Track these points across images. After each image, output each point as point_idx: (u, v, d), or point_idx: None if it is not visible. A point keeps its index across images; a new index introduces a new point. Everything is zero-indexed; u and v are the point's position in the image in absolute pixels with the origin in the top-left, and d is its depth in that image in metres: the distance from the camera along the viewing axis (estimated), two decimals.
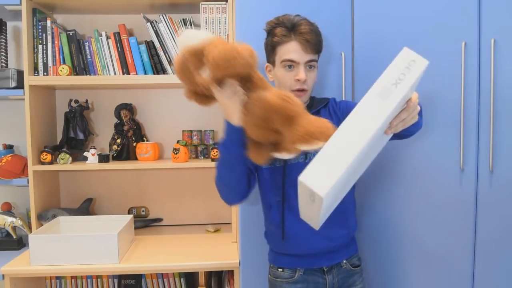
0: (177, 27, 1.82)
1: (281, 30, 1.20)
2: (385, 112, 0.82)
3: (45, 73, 1.80)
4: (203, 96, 1.12)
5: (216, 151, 1.85)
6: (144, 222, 2.09)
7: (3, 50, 1.93)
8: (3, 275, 1.55)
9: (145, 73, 1.84)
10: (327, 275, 1.29)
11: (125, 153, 1.98)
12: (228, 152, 1.11)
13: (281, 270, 1.31)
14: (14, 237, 1.84)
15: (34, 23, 1.80)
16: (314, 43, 1.20)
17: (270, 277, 1.35)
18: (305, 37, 1.18)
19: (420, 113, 1.05)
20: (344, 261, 1.31)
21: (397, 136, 1.09)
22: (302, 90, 1.22)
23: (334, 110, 1.29)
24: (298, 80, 1.19)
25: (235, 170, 1.14)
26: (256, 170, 1.28)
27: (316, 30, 1.22)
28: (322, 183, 0.79)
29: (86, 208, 1.98)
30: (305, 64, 1.20)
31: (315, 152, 0.88)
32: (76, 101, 1.99)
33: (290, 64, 1.20)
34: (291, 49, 1.19)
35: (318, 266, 1.28)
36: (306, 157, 1.23)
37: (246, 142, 1.09)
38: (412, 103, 0.93)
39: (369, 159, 1.03)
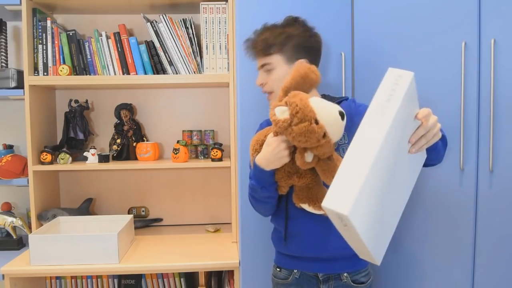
0: (177, 27, 1.82)
1: (246, 50, 1.31)
2: (384, 125, 0.86)
3: (45, 73, 1.80)
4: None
5: (216, 151, 1.85)
6: (144, 222, 2.09)
7: (3, 50, 1.93)
8: (3, 275, 1.55)
9: (145, 73, 1.84)
10: (322, 285, 1.26)
11: (125, 153, 1.97)
12: (266, 191, 1.17)
13: (278, 269, 1.32)
14: (14, 237, 1.84)
15: (34, 23, 1.80)
16: (262, 46, 1.24)
17: (272, 276, 1.37)
18: (253, 45, 1.27)
19: (444, 142, 1.12)
20: (345, 274, 1.25)
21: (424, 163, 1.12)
22: (266, 93, 1.30)
23: (350, 111, 1.22)
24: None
25: (273, 199, 1.21)
26: None
27: (270, 33, 1.24)
28: (342, 201, 0.80)
29: (86, 208, 1.98)
30: (260, 69, 1.28)
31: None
32: (76, 101, 1.99)
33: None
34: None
35: (313, 271, 1.27)
36: None
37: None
38: (422, 115, 0.96)
39: (408, 181, 1.04)
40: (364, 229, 0.85)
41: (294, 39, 1.23)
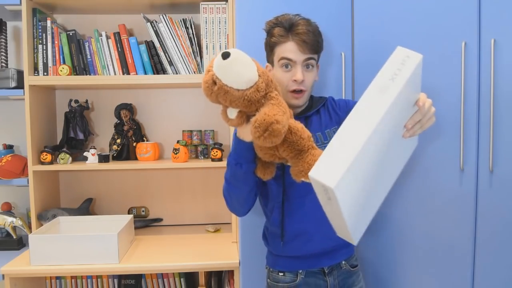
0: (177, 27, 1.82)
1: (278, 30, 1.19)
2: (384, 104, 0.84)
3: (45, 73, 1.80)
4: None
5: (216, 151, 1.85)
6: (144, 222, 2.09)
7: (3, 50, 1.93)
8: (3, 275, 1.55)
9: (145, 73, 1.84)
10: (328, 277, 1.27)
11: (125, 153, 1.98)
12: (240, 168, 1.12)
13: (281, 274, 1.28)
14: (14, 237, 1.84)
15: (34, 23, 1.80)
16: (312, 43, 1.18)
17: (269, 281, 1.32)
18: (301, 38, 1.16)
19: None
20: (343, 262, 1.29)
21: None
22: (300, 91, 1.20)
23: (333, 109, 1.30)
24: (295, 80, 1.18)
25: (247, 185, 1.15)
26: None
27: (315, 30, 1.20)
28: (331, 174, 0.78)
29: (86, 208, 1.98)
30: (302, 63, 1.18)
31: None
32: (76, 101, 1.99)
33: (287, 63, 1.18)
34: (288, 49, 1.18)
35: (320, 266, 1.27)
36: None
37: (256, 157, 1.11)
38: (422, 103, 0.94)
39: (394, 167, 1.02)
40: (347, 205, 0.85)
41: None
